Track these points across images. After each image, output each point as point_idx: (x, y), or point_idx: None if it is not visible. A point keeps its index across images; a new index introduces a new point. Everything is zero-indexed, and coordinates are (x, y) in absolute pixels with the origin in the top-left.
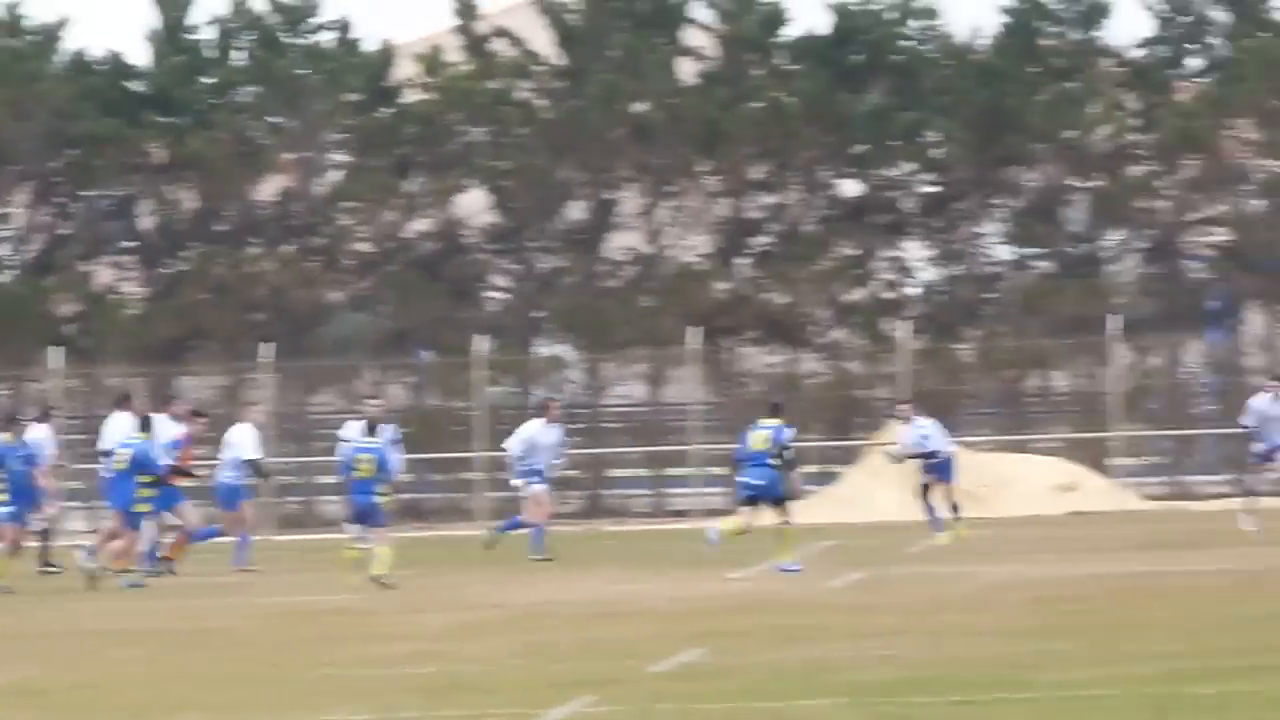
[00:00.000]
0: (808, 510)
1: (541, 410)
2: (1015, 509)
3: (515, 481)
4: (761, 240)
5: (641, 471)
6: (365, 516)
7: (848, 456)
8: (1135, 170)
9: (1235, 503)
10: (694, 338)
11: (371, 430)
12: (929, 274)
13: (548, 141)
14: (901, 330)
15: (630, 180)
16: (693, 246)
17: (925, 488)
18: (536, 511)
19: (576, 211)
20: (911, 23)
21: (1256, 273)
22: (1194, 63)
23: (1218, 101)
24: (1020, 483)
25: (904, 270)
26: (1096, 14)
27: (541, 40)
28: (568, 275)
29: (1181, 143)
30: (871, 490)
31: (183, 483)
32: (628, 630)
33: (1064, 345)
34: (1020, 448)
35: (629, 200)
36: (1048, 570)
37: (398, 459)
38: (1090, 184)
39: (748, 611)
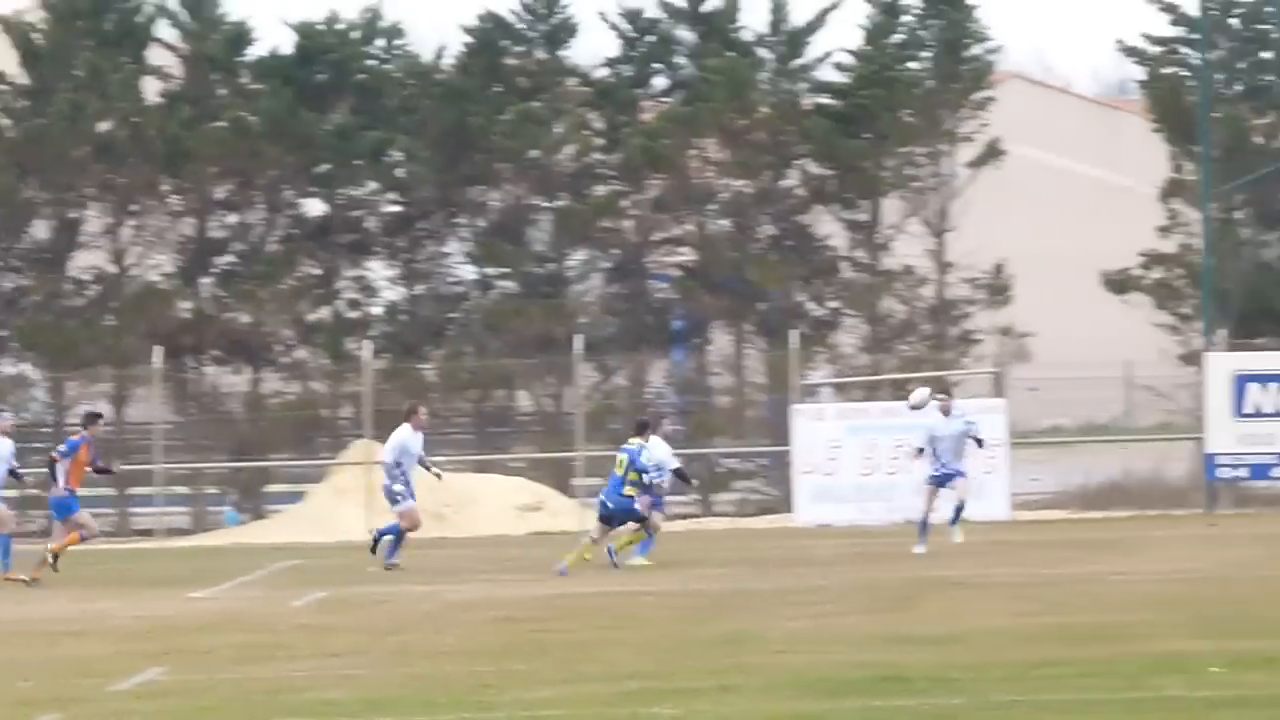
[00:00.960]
0: (272, 529)
1: (408, 415)
2: (480, 529)
3: (396, 488)
4: (225, 259)
5: (105, 490)
6: None
7: (312, 475)
8: (600, 190)
9: (702, 523)
10: (158, 357)
11: None
12: (393, 293)
13: (12, 160)
14: (365, 349)
15: (95, 199)
16: (157, 265)
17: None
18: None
19: (41, 230)
20: (376, 42)
21: (720, 292)
22: (660, 82)
23: (683, 121)
24: (485, 502)
25: (368, 289)
26: (562, 33)
27: (6, 58)
28: (32, 294)
29: (646, 162)
30: (336, 509)
31: None
32: (91, 649)
33: (528, 365)
34: (485, 467)
35: (93, 219)
36: (512, 590)
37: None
38: (555, 203)
39: (210, 630)
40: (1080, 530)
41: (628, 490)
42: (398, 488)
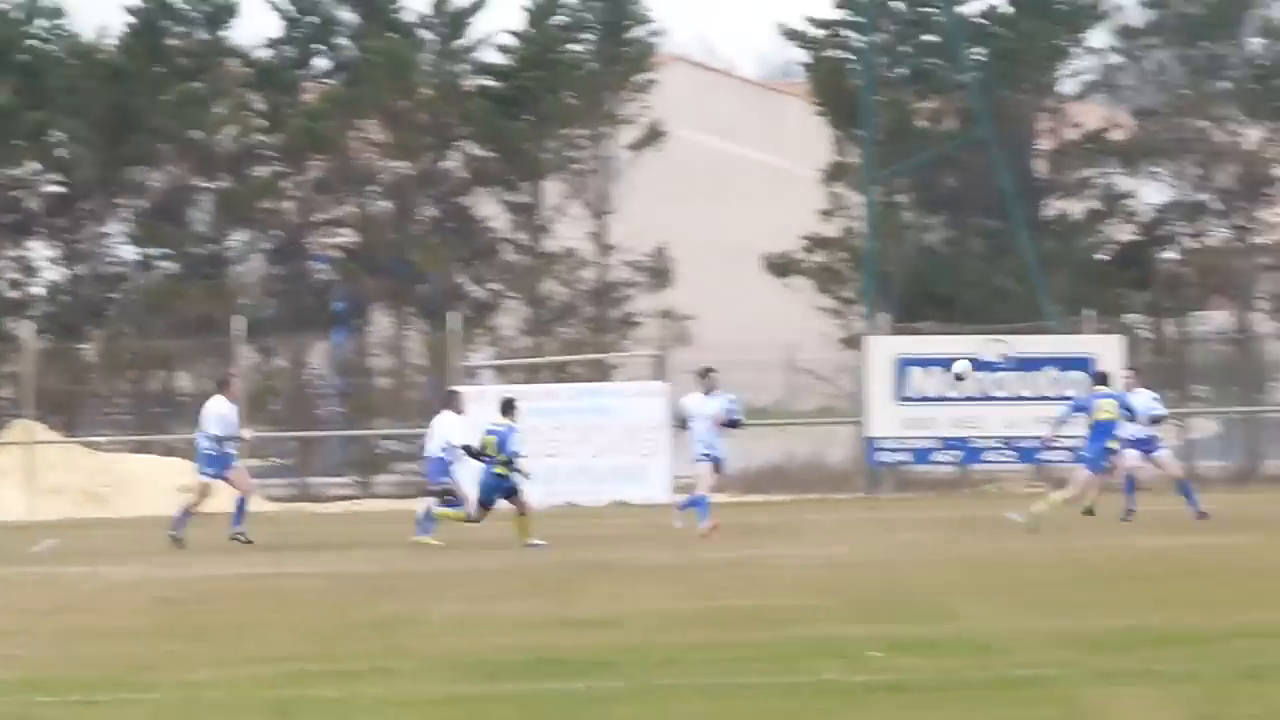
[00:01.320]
0: None
1: (221, 386)
2: (139, 509)
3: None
4: None
5: None
6: None
7: None
8: (261, 171)
9: (362, 504)
10: None
11: None
12: (53, 273)
13: None
14: (25, 330)
15: None
16: None
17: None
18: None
19: None
20: (37, 21)
21: (381, 274)
22: (321, 63)
23: (344, 102)
24: (144, 483)
25: (28, 269)
26: (223, 14)
27: None
28: None
29: (307, 143)
30: None
31: None
32: None
33: (189, 345)
34: (144, 448)
35: None
36: (170, 571)
37: None
38: (215, 184)
39: None
40: (741, 514)
41: (498, 470)
42: (215, 457)
